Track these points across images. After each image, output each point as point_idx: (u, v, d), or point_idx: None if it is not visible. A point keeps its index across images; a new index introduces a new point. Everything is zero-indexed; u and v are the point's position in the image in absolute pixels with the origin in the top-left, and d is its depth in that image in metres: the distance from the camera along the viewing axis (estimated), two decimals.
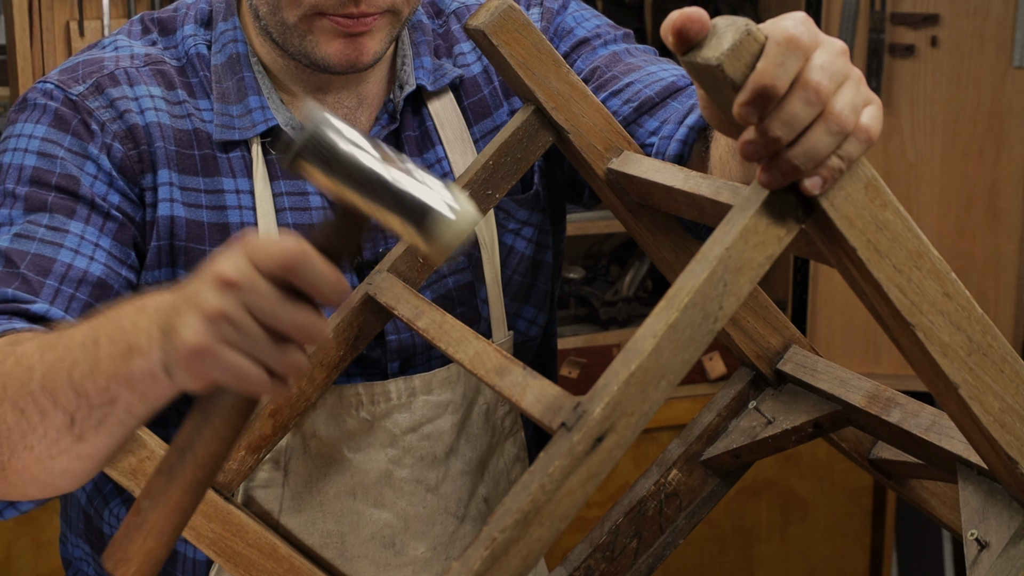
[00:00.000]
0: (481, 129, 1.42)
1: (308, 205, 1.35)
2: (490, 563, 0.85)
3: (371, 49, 1.29)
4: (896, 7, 2.78)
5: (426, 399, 1.38)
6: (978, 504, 1.12)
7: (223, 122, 1.33)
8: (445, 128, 1.40)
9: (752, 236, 0.89)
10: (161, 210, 1.31)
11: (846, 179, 0.89)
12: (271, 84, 1.36)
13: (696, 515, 1.45)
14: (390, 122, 1.38)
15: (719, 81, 0.85)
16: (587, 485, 0.87)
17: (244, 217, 1.33)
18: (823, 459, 2.98)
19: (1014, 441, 0.99)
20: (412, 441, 1.38)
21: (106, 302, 1.25)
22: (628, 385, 0.87)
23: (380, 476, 1.37)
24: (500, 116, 1.43)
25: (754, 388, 1.41)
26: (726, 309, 0.89)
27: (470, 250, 1.39)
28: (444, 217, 0.90)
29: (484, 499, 1.44)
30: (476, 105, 1.43)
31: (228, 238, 1.32)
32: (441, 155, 1.40)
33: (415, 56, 1.40)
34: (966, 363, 0.96)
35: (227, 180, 1.33)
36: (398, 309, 1.24)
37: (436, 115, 1.40)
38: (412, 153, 1.39)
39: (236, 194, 1.33)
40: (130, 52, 1.36)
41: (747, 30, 0.84)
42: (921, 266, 0.92)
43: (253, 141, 1.34)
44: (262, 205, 1.33)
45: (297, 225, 1.34)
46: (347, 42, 1.27)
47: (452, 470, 1.41)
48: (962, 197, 2.83)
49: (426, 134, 1.40)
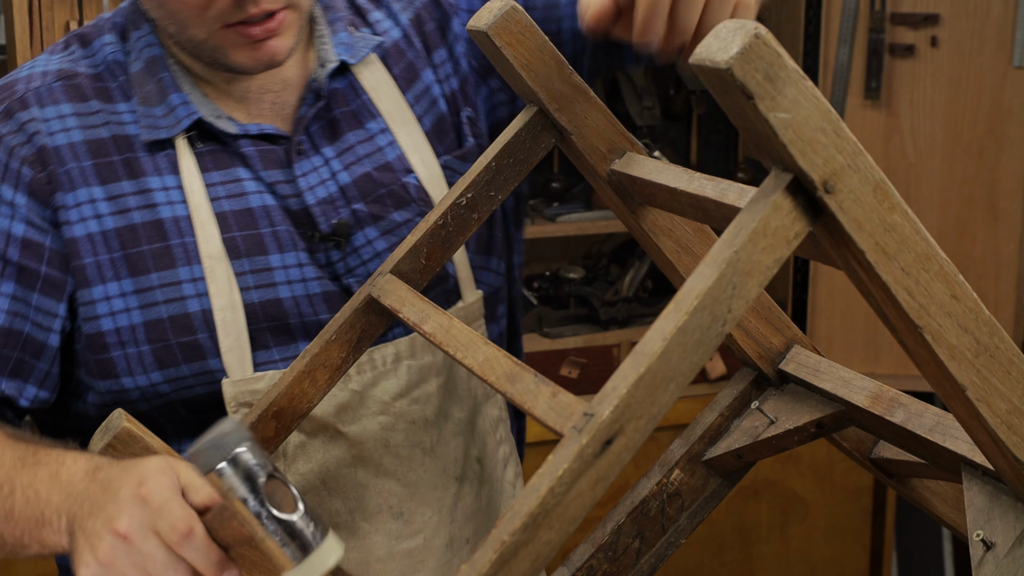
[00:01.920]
0: (414, 94, 1.44)
1: (243, 191, 1.36)
2: (499, 566, 0.85)
3: (282, 47, 1.31)
4: (896, 7, 2.78)
5: (410, 363, 1.39)
6: (983, 505, 1.12)
7: (148, 123, 1.35)
8: (382, 99, 1.42)
9: (761, 239, 0.89)
10: (86, 228, 1.33)
11: (855, 182, 0.89)
12: (191, 80, 1.37)
13: (698, 515, 1.45)
14: (316, 100, 1.39)
15: (728, 85, 0.85)
16: (596, 488, 0.87)
17: (176, 211, 1.34)
18: (823, 459, 2.98)
19: (1021, 443, 0.99)
20: (402, 406, 1.39)
21: (19, 349, 1.30)
22: (637, 388, 0.87)
23: (377, 444, 1.38)
24: (427, 76, 1.44)
25: (756, 388, 1.41)
26: (735, 312, 0.89)
27: (425, 209, 1.40)
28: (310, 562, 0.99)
29: (477, 459, 1.46)
30: (404, 71, 1.44)
31: (163, 235, 1.34)
32: (383, 126, 1.42)
33: (332, 33, 1.41)
34: (973, 365, 0.96)
35: (153, 179, 1.35)
36: (403, 312, 1.23)
37: (370, 88, 1.42)
38: (352, 127, 1.41)
39: (164, 191, 1.35)
40: (43, 70, 1.38)
41: (756, 33, 0.84)
42: (929, 268, 0.92)
43: (178, 137, 1.35)
44: (194, 197, 1.34)
45: (234, 212, 1.35)
46: (257, 47, 1.30)
47: (444, 432, 1.42)
48: (962, 197, 2.84)
49: (364, 107, 1.42)
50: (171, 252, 1.34)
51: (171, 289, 1.34)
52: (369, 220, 1.39)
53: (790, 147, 0.86)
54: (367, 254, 1.39)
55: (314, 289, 1.38)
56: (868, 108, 2.81)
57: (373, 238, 1.39)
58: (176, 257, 1.34)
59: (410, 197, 1.40)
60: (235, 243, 1.35)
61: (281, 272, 1.36)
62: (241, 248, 1.35)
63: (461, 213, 1.31)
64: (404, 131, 1.41)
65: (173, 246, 1.34)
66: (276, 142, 1.38)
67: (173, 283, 1.34)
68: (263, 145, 1.37)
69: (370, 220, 1.39)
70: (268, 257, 1.36)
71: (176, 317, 1.34)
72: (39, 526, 1.11)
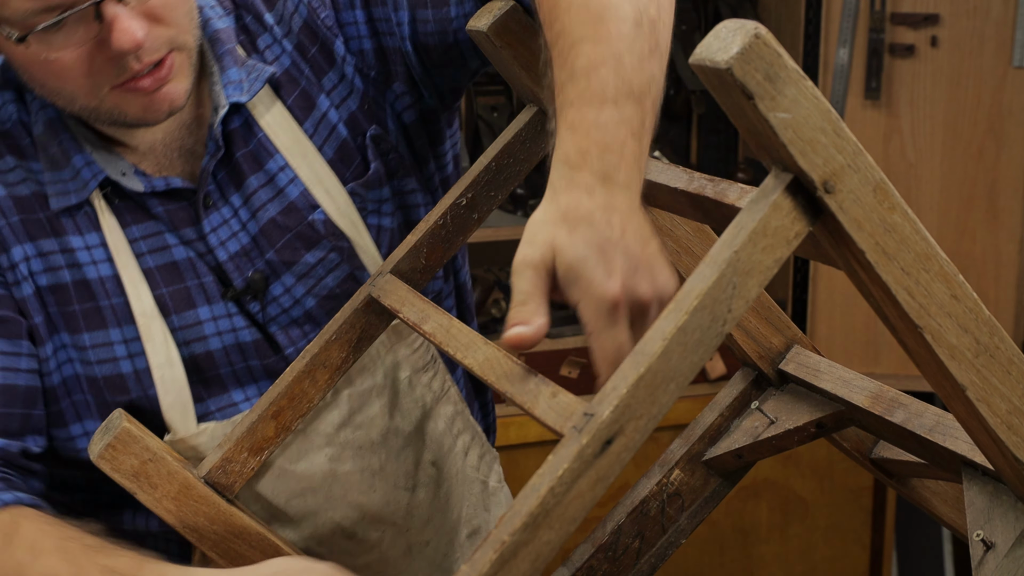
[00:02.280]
0: (312, 123, 1.37)
1: (165, 244, 1.33)
2: (499, 566, 0.85)
3: (178, 91, 1.26)
4: (896, 7, 2.78)
5: (349, 392, 1.38)
6: (983, 505, 1.12)
7: (57, 190, 1.31)
8: (278, 135, 1.36)
9: (761, 239, 0.89)
10: (26, 288, 1.31)
11: (855, 182, 0.89)
12: (94, 136, 1.32)
13: (698, 515, 1.45)
14: (216, 150, 1.33)
15: (728, 85, 0.85)
16: (596, 488, 0.87)
17: (101, 271, 1.32)
18: (823, 459, 2.98)
19: (1021, 443, 0.99)
20: (347, 435, 1.38)
21: (18, 402, 1.28)
22: (637, 388, 0.87)
23: (324, 477, 1.38)
24: (322, 103, 1.38)
25: (756, 388, 1.41)
26: (735, 312, 0.89)
27: (338, 243, 1.37)
28: None
29: (432, 463, 1.45)
30: (299, 100, 1.37)
31: (92, 295, 1.31)
32: (282, 163, 1.36)
33: (221, 71, 1.34)
34: (973, 365, 0.95)
35: (75, 238, 1.31)
36: (403, 312, 1.23)
37: (265, 124, 1.36)
38: (252, 170, 1.35)
39: (87, 250, 1.32)
40: None
41: (756, 33, 0.84)
42: (929, 268, 0.92)
43: (93, 198, 1.31)
44: (120, 256, 1.32)
45: (160, 267, 1.33)
46: (153, 97, 1.25)
47: (392, 448, 1.41)
48: (962, 197, 2.83)
49: (261, 146, 1.36)
50: (101, 313, 1.32)
51: (103, 350, 1.32)
52: (283, 268, 1.36)
53: (790, 147, 0.86)
54: (287, 302, 1.37)
55: (244, 338, 1.36)
56: (868, 108, 2.81)
57: (290, 285, 1.36)
58: (107, 319, 1.32)
59: (319, 235, 1.36)
60: (164, 300, 1.33)
61: (211, 324, 1.34)
62: (170, 305, 1.33)
63: (461, 213, 1.31)
64: (305, 164, 1.36)
65: (103, 307, 1.32)
66: (185, 196, 1.34)
67: (104, 344, 1.32)
68: (171, 204, 1.33)
69: (284, 268, 1.36)
70: (197, 311, 1.34)
71: (110, 378, 1.33)
72: None
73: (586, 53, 1.07)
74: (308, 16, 1.36)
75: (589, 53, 1.07)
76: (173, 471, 1.26)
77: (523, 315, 0.98)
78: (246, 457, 1.30)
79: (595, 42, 1.07)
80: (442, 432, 1.46)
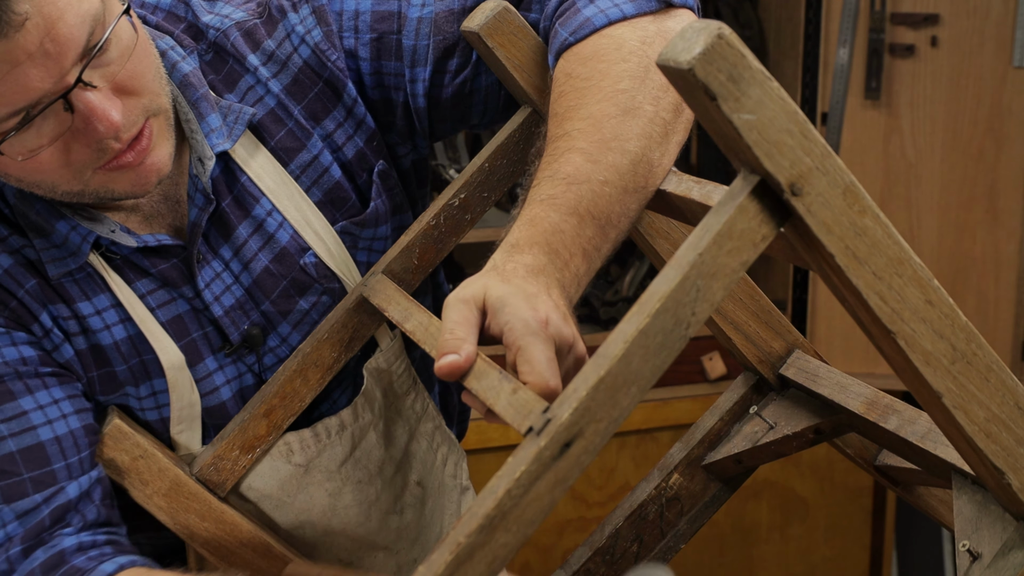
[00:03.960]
0: (299, 164, 1.32)
1: (170, 298, 1.30)
2: (455, 567, 0.84)
3: (162, 158, 1.21)
4: (896, 7, 2.76)
5: (353, 429, 1.38)
6: (971, 514, 1.11)
7: (52, 256, 1.26)
8: (263, 178, 1.31)
9: (726, 242, 0.88)
10: (66, 351, 1.28)
11: (823, 184, 0.87)
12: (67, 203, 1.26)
13: (698, 520, 1.44)
14: (207, 204, 1.28)
15: (692, 85, 0.84)
16: (555, 491, 0.86)
17: (116, 335, 1.29)
18: (823, 459, 2.97)
19: (1000, 451, 0.98)
20: (348, 470, 1.38)
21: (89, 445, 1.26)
22: (597, 391, 0.86)
23: (324, 510, 1.38)
24: (313, 145, 1.32)
25: (757, 393, 1.40)
26: (699, 315, 0.88)
27: (329, 286, 1.34)
28: None
29: (417, 483, 1.45)
30: (283, 141, 1.32)
31: (108, 361, 1.29)
32: (269, 207, 1.31)
33: (200, 119, 1.27)
34: (950, 372, 0.94)
35: (83, 305, 1.28)
36: (388, 311, 1.23)
37: (248, 168, 1.30)
38: (239, 218, 1.31)
39: (98, 315, 1.28)
40: None
41: (719, 34, 0.83)
42: (902, 273, 0.91)
43: (92, 259, 1.27)
44: (136, 312, 1.28)
45: (170, 321, 1.30)
46: (139, 171, 1.19)
47: (385, 477, 1.41)
48: (962, 197, 2.81)
49: (245, 191, 1.31)
50: (116, 378, 1.30)
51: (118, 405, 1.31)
52: (279, 318, 1.33)
53: (755, 148, 0.85)
54: (283, 352, 1.35)
55: (248, 382, 1.35)
56: (868, 108, 2.78)
57: (286, 334, 1.34)
58: (122, 380, 1.30)
59: (311, 279, 1.33)
60: (190, 348, 1.31)
61: (220, 374, 1.33)
62: (196, 353, 1.32)
63: (454, 214, 1.31)
64: (292, 206, 1.31)
65: (118, 372, 1.29)
66: (175, 253, 1.29)
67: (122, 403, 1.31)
68: (163, 264, 1.29)
69: (280, 318, 1.33)
70: (206, 361, 1.32)
71: None
72: None
73: (575, 163, 1.10)
74: (312, 57, 1.31)
75: (578, 165, 1.10)
76: (164, 467, 1.27)
77: (452, 344, 1.00)
78: (237, 455, 1.30)
79: (589, 160, 1.10)
80: (425, 450, 1.46)
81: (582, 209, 1.07)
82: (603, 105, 1.13)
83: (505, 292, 1.01)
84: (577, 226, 1.06)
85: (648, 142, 1.13)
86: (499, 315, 1.00)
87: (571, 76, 1.17)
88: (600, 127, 1.12)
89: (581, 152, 1.11)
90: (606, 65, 1.16)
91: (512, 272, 1.04)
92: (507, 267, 1.04)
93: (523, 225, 1.07)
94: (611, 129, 1.12)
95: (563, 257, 1.05)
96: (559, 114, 1.15)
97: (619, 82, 1.14)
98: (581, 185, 1.09)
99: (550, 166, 1.11)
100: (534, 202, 1.09)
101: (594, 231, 1.07)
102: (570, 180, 1.09)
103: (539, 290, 1.03)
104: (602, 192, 1.09)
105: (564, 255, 1.06)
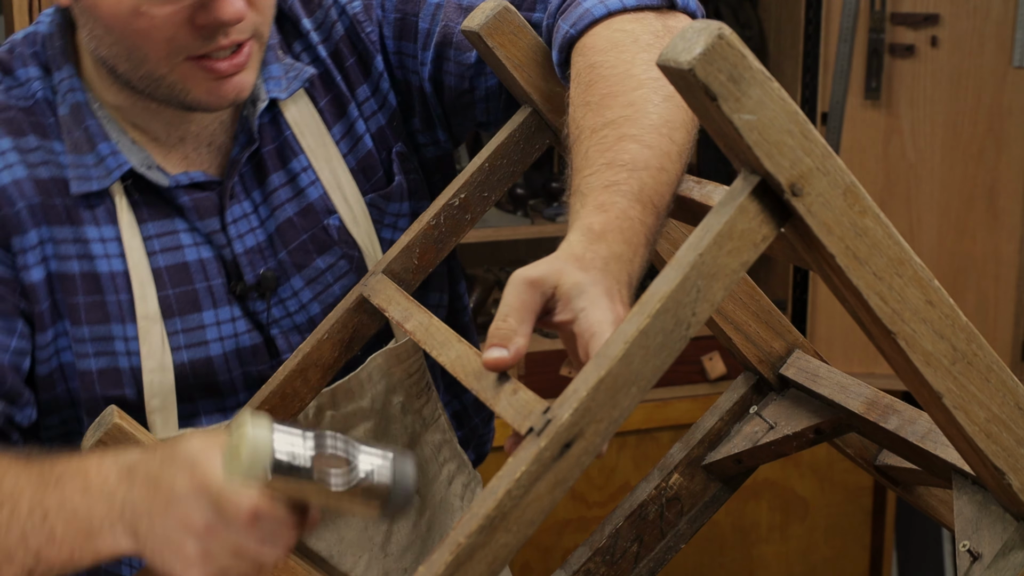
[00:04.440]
0: (340, 129, 1.37)
1: (179, 244, 1.32)
2: (455, 568, 0.85)
3: (247, 83, 1.25)
4: (896, 7, 2.76)
5: (332, 413, 1.37)
6: (971, 514, 1.11)
7: (79, 173, 1.28)
8: (305, 135, 1.36)
9: (727, 242, 0.88)
10: (36, 274, 1.28)
11: (824, 185, 0.87)
12: (119, 127, 1.30)
13: (698, 520, 1.44)
14: (249, 143, 1.33)
15: (692, 85, 0.84)
16: (555, 491, 0.87)
17: (113, 266, 1.30)
18: (823, 459, 2.97)
19: (1001, 451, 0.98)
20: None
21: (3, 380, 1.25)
22: (597, 391, 0.86)
23: None
24: (352, 112, 1.38)
25: (757, 393, 1.40)
26: (699, 316, 0.88)
27: (349, 252, 1.37)
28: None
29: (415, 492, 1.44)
30: (330, 104, 1.37)
31: (99, 289, 1.30)
32: (305, 164, 1.35)
33: (263, 65, 1.33)
34: (950, 372, 0.94)
35: (91, 229, 1.29)
36: (389, 311, 1.24)
37: (294, 123, 1.35)
38: (275, 167, 1.35)
39: (102, 243, 1.30)
40: None
41: (719, 34, 0.83)
42: (902, 273, 0.91)
43: (114, 188, 1.29)
44: (132, 254, 1.30)
45: (170, 267, 1.31)
46: (222, 83, 1.23)
47: None
48: (962, 197, 2.81)
49: (286, 144, 1.35)
50: (106, 308, 1.30)
51: (102, 343, 1.31)
52: (294, 270, 1.35)
53: (755, 149, 0.85)
54: (293, 306, 1.36)
55: (244, 343, 1.35)
56: (868, 108, 2.79)
57: (299, 288, 1.36)
58: (110, 313, 1.30)
59: (332, 240, 1.36)
60: (169, 302, 1.32)
61: (213, 329, 1.33)
62: (175, 307, 1.32)
63: (454, 214, 1.31)
64: (327, 168, 1.36)
65: (108, 302, 1.30)
66: (208, 188, 1.33)
67: (105, 338, 1.31)
68: (196, 193, 1.32)
69: (295, 269, 1.35)
70: (201, 314, 1.33)
71: (105, 371, 1.31)
72: (90, 539, 1.06)
73: (631, 151, 1.09)
74: (350, 28, 1.36)
75: (635, 152, 1.09)
76: None
77: (502, 335, 0.98)
78: None
79: (644, 146, 1.09)
80: (427, 459, 1.46)
81: (644, 197, 1.06)
82: (643, 92, 1.12)
83: (584, 280, 0.99)
84: (642, 214, 1.05)
85: (690, 129, 1.13)
86: (575, 302, 0.98)
87: (595, 66, 1.16)
88: (647, 113, 1.11)
89: (634, 139, 1.09)
90: (630, 55, 1.16)
91: (591, 262, 1.01)
92: (586, 255, 1.02)
93: (595, 211, 1.05)
94: (658, 115, 1.11)
95: (633, 246, 1.04)
96: (594, 103, 1.14)
97: (649, 70, 1.13)
98: (641, 172, 1.07)
99: (604, 153, 1.10)
100: (598, 188, 1.07)
101: (654, 219, 1.06)
102: (630, 167, 1.07)
103: (613, 287, 1.01)
104: (660, 179, 1.08)
105: (635, 244, 1.04)
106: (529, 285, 1.00)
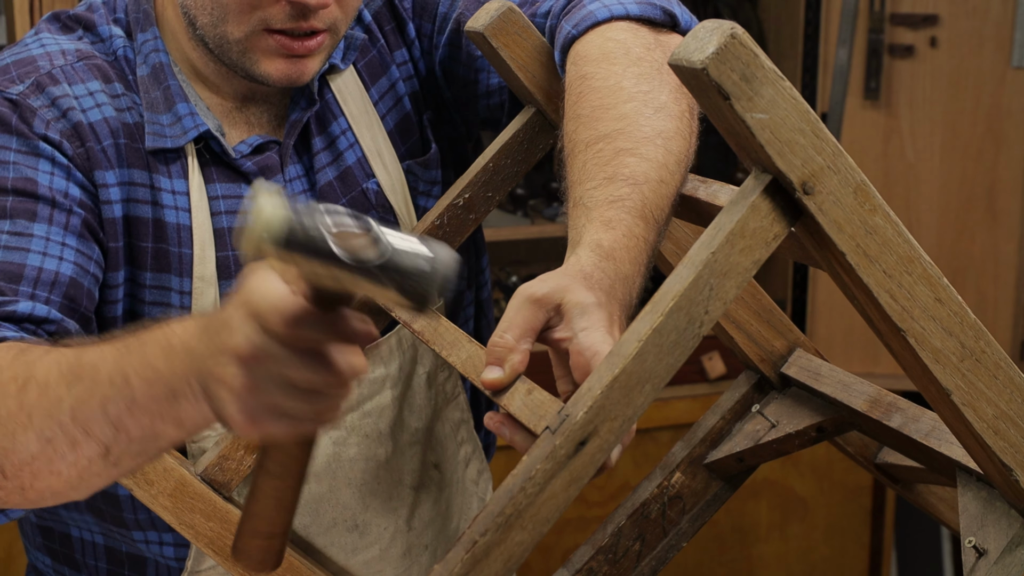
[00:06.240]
0: (379, 89, 1.40)
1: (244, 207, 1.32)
2: (471, 566, 0.85)
3: (312, 69, 1.27)
4: (896, 7, 2.78)
5: None
6: (977, 511, 1.11)
7: (154, 130, 1.30)
8: (347, 100, 1.38)
9: (739, 240, 0.88)
10: (114, 211, 1.29)
11: (835, 183, 0.88)
12: (196, 92, 1.33)
13: (700, 518, 1.44)
14: (309, 105, 1.35)
15: (705, 85, 0.85)
16: (570, 489, 0.87)
17: (180, 218, 1.31)
18: (823, 459, 2.98)
19: (1008, 448, 0.98)
20: (354, 420, 1.38)
21: (80, 300, 1.24)
22: (611, 389, 0.86)
23: (329, 460, 1.37)
24: (392, 72, 1.41)
25: (758, 391, 1.40)
26: (712, 314, 0.88)
27: (386, 216, 1.38)
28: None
29: (435, 465, 1.45)
30: (369, 66, 1.40)
31: (165, 238, 1.31)
32: (345, 126, 1.38)
33: None
34: (958, 369, 0.95)
35: (164, 179, 1.31)
36: (396, 310, 1.24)
37: (336, 87, 1.38)
38: (318, 131, 1.37)
39: (172, 194, 1.32)
40: (59, 48, 1.32)
41: (732, 33, 0.84)
42: (912, 271, 0.91)
43: (187, 148, 1.31)
44: (198, 213, 1.31)
45: (232, 229, 1.33)
46: (289, 62, 1.25)
47: (400, 443, 1.41)
48: (962, 197, 2.83)
49: (327, 107, 1.37)
50: (168, 257, 1.32)
51: (160, 292, 1.31)
52: None
53: (767, 148, 0.86)
54: None
55: None
56: (868, 108, 2.80)
57: None
58: (172, 264, 1.32)
59: (370, 204, 1.37)
60: (228, 263, 1.33)
61: None
62: (233, 269, 1.33)
63: (458, 214, 1.32)
64: (367, 133, 1.38)
65: (171, 252, 1.32)
66: (267, 149, 1.35)
67: (163, 287, 1.32)
68: (258, 156, 1.34)
69: None
70: None
71: (159, 321, 1.30)
72: (171, 402, 0.93)
73: (630, 164, 1.10)
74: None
75: (633, 166, 1.10)
76: (169, 467, 1.27)
77: (498, 353, 0.99)
78: (242, 455, 1.30)
79: (641, 159, 1.11)
80: (447, 436, 1.46)
81: (647, 212, 1.08)
82: (633, 105, 1.14)
83: (589, 302, 1.00)
84: (645, 231, 1.07)
85: (688, 137, 1.14)
86: (576, 321, 0.99)
87: (586, 78, 1.18)
88: (639, 126, 1.12)
89: (630, 152, 1.11)
90: (621, 67, 1.17)
91: (599, 282, 1.03)
92: (595, 275, 1.03)
93: (603, 227, 1.06)
94: (651, 128, 1.13)
95: (638, 265, 1.06)
96: (585, 115, 1.16)
97: (639, 83, 1.15)
98: (643, 186, 1.08)
99: (604, 167, 1.11)
100: (603, 203, 1.08)
101: (655, 236, 1.08)
102: (632, 181, 1.09)
103: (615, 311, 1.02)
104: (660, 192, 1.09)
105: (639, 263, 1.06)
106: (533, 303, 1.01)
